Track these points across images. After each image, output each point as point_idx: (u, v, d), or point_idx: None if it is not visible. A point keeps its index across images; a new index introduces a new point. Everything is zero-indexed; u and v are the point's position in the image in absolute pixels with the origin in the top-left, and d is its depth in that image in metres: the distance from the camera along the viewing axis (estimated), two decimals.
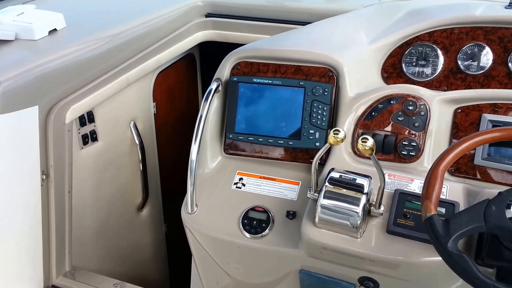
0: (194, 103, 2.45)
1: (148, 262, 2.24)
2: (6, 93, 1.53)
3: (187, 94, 2.38)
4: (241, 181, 1.35)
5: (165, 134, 2.23)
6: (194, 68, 2.38)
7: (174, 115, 2.29)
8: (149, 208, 2.19)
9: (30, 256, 1.69)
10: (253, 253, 1.28)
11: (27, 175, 1.63)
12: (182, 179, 2.40)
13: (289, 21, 2.03)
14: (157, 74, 2.10)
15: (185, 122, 2.39)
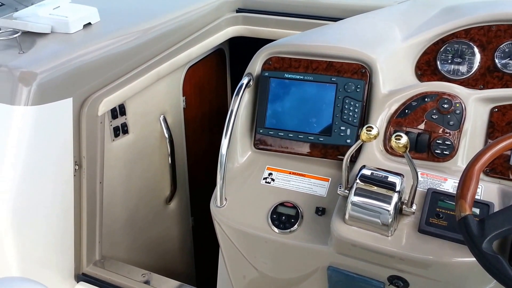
0: (223, 98, 2.46)
1: (174, 254, 2.26)
2: (42, 85, 1.57)
3: (216, 89, 2.39)
4: (270, 176, 1.35)
5: (193, 128, 2.25)
6: (223, 63, 2.39)
7: (203, 109, 2.31)
8: (177, 201, 2.22)
9: (62, 244, 1.73)
10: (281, 248, 1.28)
11: (61, 165, 1.67)
12: (209, 173, 2.43)
13: (321, 17, 2.02)
14: (187, 69, 2.11)
15: (214, 116, 2.40)
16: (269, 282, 1.40)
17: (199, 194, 2.37)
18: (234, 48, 2.37)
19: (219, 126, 2.47)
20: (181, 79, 2.09)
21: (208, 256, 2.44)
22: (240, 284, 1.46)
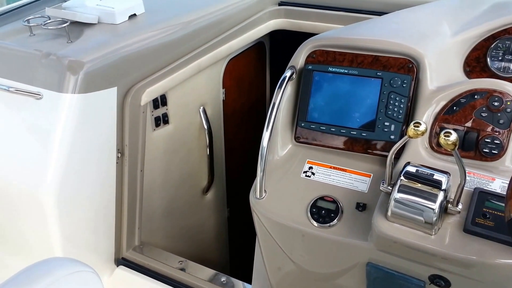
0: (262, 91, 2.47)
1: (210, 243, 2.29)
2: (89, 74, 1.61)
3: (256, 82, 2.40)
4: (310, 170, 1.35)
5: (232, 121, 2.26)
6: (263, 57, 2.40)
7: (242, 102, 2.32)
8: (214, 192, 2.24)
9: (104, 229, 1.78)
10: (320, 242, 1.28)
11: (104, 152, 1.71)
12: (246, 165, 2.44)
13: (364, 11, 2.00)
14: (228, 61, 2.13)
15: (252, 109, 2.41)
16: (305, 275, 1.40)
17: (235, 186, 2.39)
18: (275, 42, 2.37)
19: (257, 119, 2.48)
20: (221, 72, 2.11)
21: (243, 247, 2.46)
22: (275, 276, 1.46)
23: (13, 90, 1.66)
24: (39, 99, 1.64)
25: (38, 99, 1.64)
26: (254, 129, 2.46)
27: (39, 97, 1.63)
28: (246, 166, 2.44)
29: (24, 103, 1.66)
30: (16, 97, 1.67)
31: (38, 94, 1.63)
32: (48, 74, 1.64)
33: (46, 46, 1.70)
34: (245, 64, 2.26)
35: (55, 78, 1.62)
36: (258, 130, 2.52)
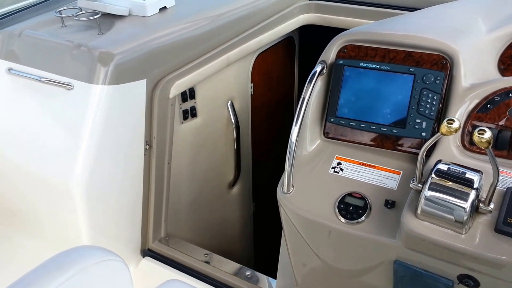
0: (290, 87, 2.46)
1: (234, 237, 2.30)
2: (119, 66, 1.63)
3: (284, 77, 2.39)
4: (339, 165, 1.34)
5: (259, 115, 2.26)
6: (292, 51, 2.38)
7: (270, 97, 2.32)
8: (240, 186, 2.24)
9: (131, 220, 1.80)
10: (347, 238, 1.27)
11: (132, 144, 1.73)
12: (273, 160, 2.44)
13: (396, 7, 1.97)
14: (257, 56, 2.12)
15: (280, 104, 2.41)
16: (331, 271, 1.39)
17: (261, 181, 2.39)
18: (304, 37, 2.36)
19: (284, 114, 2.48)
20: (250, 66, 2.11)
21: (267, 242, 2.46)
22: (301, 271, 1.46)
23: (44, 80, 1.69)
24: (69, 89, 1.66)
25: (68, 90, 1.67)
26: (281, 124, 2.45)
27: (69, 88, 1.66)
28: (273, 161, 2.43)
29: (55, 93, 1.69)
30: (47, 87, 1.70)
31: (69, 85, 1.66)
32: (79, 65, 1.66)
33: (78, 37, 1.72)
34: (274, 59, 2.25)
35: (85, 69, 1.64)
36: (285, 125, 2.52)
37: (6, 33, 1.80)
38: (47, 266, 1.02)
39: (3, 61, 1.78)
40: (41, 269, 1.02)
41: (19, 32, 1.78)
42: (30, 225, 1.89)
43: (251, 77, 2.13)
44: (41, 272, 1.01)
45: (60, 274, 1.00)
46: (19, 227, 1.91)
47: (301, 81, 2.45)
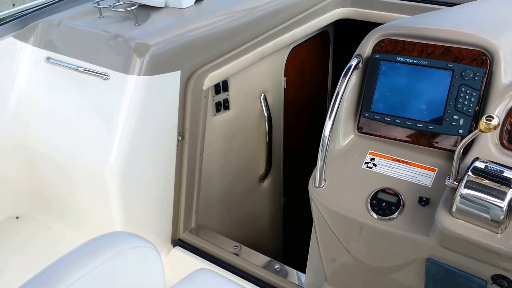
0: (323, 81, 2.44)
1: (264, 231, 2.31)
2: (155, 57, 1.65)
3: (318, 71, 2.38)
4: (372, 161, 1.32)
5: (292, 109, 2.25)
6: (327, 46, 2.37)
7: (303, 91, 2.30)
8: (270, 180, 2.25)
9: (162, 210, 1.83)
10: (378, 235, 1.26)
11: (166, 134, 1.75)
12: (304, 155, 2.43)
13: (433, 1, 1.93)
14: (291, 50, 2.11)
15: (313, 99, 2.39)
16: (361, 267, 1.38)
17: (292, 175, 2.38)
18: (339, 31, 2.33)
19: (317, 109, 2.46)
20: (283, 59, 2.10)
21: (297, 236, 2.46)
22: (331, 267, 1.45)
23: (82, 70, 1.73)
24: (106, 79, 1.69)
25: (105, 80, 1.70)
26: (314, 119, 2.44)
27: (106, 78, 1.69)
28: (304, 155, 2.42)
29: (92, 83, 1.73)
30: (84, 76, 1.74)
31: (105, 75, 1.69)
32: (115, 56, 1.69)
33: (115, 28, 1.75)
34: (308, 53, 2.24)
35: (122, 59, 1.67)
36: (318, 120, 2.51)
37: (45, 23, 1.85)
38: (83, 249, 1.05)
39: (42, 50, 1.83)
40: (77, 252, 1.04)
41: (58, 22, 1.82)
42: (64, 211, 1.94)
43: (284, 71, 2.12)
44: (76, 255, 1.04)
45: (95, 258, 1.03)
46: (54, 213, 1.97)
47: (335, 76, 2.43)
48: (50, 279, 0.98)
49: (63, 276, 0.99)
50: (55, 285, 0.98)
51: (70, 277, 1.00)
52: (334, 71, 2.44)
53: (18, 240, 1.88)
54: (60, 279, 0.98)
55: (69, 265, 1.02)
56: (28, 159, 1.90)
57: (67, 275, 1.00)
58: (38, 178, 1.93)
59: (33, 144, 1.85)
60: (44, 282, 0.98)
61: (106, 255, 1.04)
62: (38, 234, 1.92)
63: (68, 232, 1.91)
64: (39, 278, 1.00)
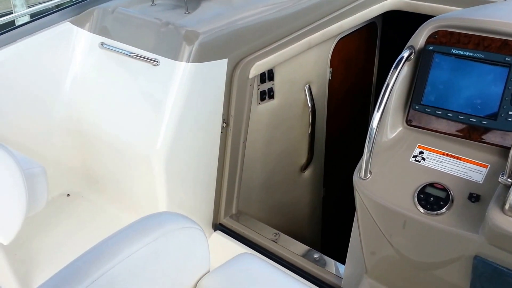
0: (369, 73, 2.41)
1: (303, 220, 2.31)
2: (203, 44, 1.67)
3: (364, 63, 2.35)
4: (421, 154, 1.31)
5: (336, 101, 2.24)
6: (374, 38, 2.33)
7: (348, 83, 2.29)
8: (311, 170, 2.25)
9: (205, 194, 1.86)
10: (424, 229, 1.24)
11: (211, 121, 1.78)
12: (346, 146, 2.42)
13: None
14: (337, 41, 2.10)
15: (358, 91, 2.37)
16: (404, 262, 1.37)
17: (333, 167, 2.37)
18: (388, 23, 2.30)
19: (361, 101, 2.44)
20: (330, 51, 2.09)
21: (335, 227, 2.45)
22: (372, 259, 1.45)
23: (133, 55, 1.77)
24: (156, 65, 1.73)
25: (155, 66, 1.73)
26: (357, 111, 2.42)
27: (156, 64, 1.73)
28: (346, 147, 2.41)
29: (142, 68, 1.77)
30: (135, 62, 1.78)
31: (155, 61, 1.72)
32: (166, 42, 1.72)
33: (166, 15, 1.78)
34: (354, 45, 2.22)
35: (172, 46, 1.70)
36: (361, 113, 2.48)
37: (101, 10, 1.90)
38: (134, 227, 1.08)
39: (97, 36, 1.88)
40: (128, 230, 1.08)
41: (113, 9, 1.87)
42: (111, 191, 2.00)
43: (330, 62, 2.11)
44: (128, 233, 1.07)
45: (145, 236, 1.06)
46: (101, 192, 2.04)
47: (381, 68, 2.40)
48: (103, 253, 1.02)
49: (115, 251, 1.03)
50: (108, 259, 1.01)
51: (120, 253, 1.03)
52: (380, 64, 2.40)
53: (68, 215, 1.97)
54: (113, 254, 1.02)
55: (121, 242, 1.05)
56: (79, 140, 1.97)
57: (118, 251, 1.03)
58: (88, 158, 1.99)
59: (85, 126, 1.91)
60: (98, 257, 1.02)
61: (155, 234, 1.07)
62: (86, 211, 2.00)
63: (114, 210, 1.98)
64: (92, 253, 1.03)
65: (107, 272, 1.00)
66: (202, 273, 1.19)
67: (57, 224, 1.93)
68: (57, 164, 2.00)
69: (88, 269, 1.00)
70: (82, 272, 0.99)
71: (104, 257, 1.02)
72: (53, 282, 0.99)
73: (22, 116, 1.91)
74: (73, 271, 1.00)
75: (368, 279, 1.48)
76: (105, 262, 1.01)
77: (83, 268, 1.00)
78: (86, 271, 1.00)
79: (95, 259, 1.02)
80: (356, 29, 2.15)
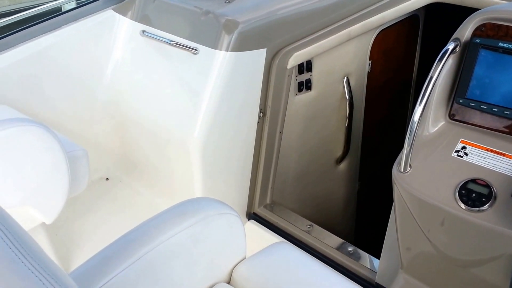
0: (409, 66, 2.37)
1: (337, 213, 2.30)
2: (242, 34, 1.68)
3: (404, 56, 2.31)
4: (463, 150, 1.28)
5: (374, 94, 2.21)
6: (415, 30, 2.29)
7: (387, 76, 2.25)
8: (347, 163, 2.23)
9: (240, 183, 1.87)
10: (465, 226, 1.22)
11: (247, 110, 1.79)
12: (383, 140, 2.39)
13: None
14: (378, 32, 2.07)
15: (397, 84, 2.33)
16: (441, 258, 1.35)
17: (369, 160, 2.35)
18: (430, 16, 2.25)
19: (400, 95, 2.40)
20: (370, 42, 2.06)
21: (369, 222, 2.43)
22: (408, 254, 1.43)
23: (173, 43, 1.79)
24: (195, 54, 1.74)
25: (194, 54, 1.75)
26: (396, 105, 2.38)
27: (195, 52, 1.74)
28: (383, 141, 2.38)
29: (182, 56, 1.79)
30: (175, 50, 1.80)
31: (195, 49, 1.74)
32: (206, 31, 1.73)
33: (206, 4, 1.79)
34: (395, 37, 2.18)
35: (211, 35, 1.71)
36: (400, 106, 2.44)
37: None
38: (174, 211, 1.10)
39: (138, 24, 1.91)
40: (168, 214, 1.10)
41: None
42: (149, 176, 2.04)
43: (370, 54, 2.08)
44: (168, 216, 1.09)
45: (184, 220, 1.08)
46: (139, 177, 2.08)
47: (422, 61, 2.35)
48: (144, 236, 1.04)
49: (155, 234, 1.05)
50: (147, 242, 1.04)
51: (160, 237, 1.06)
52: (421, 57, 2.35)
53: (106, 199, 2.03)
54: (152, 236, 1.04)
55: (161, 225, 1.07)
56: (119, 125, 2.01)
57: (158, 234, 1.06)
58: (127, 143, 2.04)
59: (125, 111, 1.95)
60: (138, 239, 1.04)
61: (194, 219, 1.09)
62: (124, 195, 2.05)
63: (151, 195, 2.02)
64: (133, 235, 1.06)
65: (146, 254, 1.03)
66: (238, 260, 1.20)
67: (96, 207, 1.99)
68: (97, 148, 2.05)
69: (129, 250, 1.03)
70: (122, 253, 1.02)
71: (144, 239, 1.05)
72: (94, 261, 1.02)
73: (66, 100, 1.97)
74: (114, 251, 1.03)
75: (403, 274, 1.47)
76: (144, 244, 1.04)
77: (123, 249, 1.03)
78: (127, 252, 1.02)
79: (136, 241, 1.05)
80: (398, 21, 2.12)
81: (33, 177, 1.46)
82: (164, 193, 1.96)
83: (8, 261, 0.60)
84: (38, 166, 1.46)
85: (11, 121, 1.39)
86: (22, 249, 0.63)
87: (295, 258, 1.19)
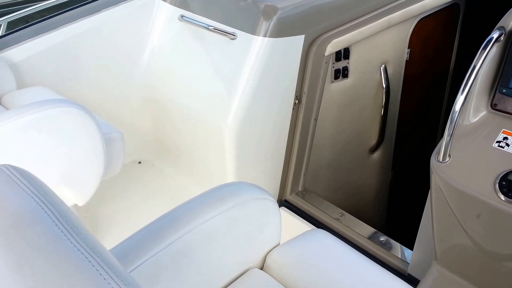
0: (447, 56, 2.32)
1: (368, 203, 2.29)
2: (281, 20, 1.67)
3: (443, 45, 2.26)
4: (505, 140, 1.25)
5: (412, 83, 2.18)
6: (455, 20, 2.23)
7: (425, 65, 2.21)
8: (381, 153, 2.21)
9: (272, 170, 1.88)
10: (504, 218, 1.19)
11: (283, 97, 1.78)
12: (417, 130, 2.35)
13: None
14: (418, 21, 2.03)
15: (434, 74, 2.29)
16: (477, 250, 1.33)
17: (403, 150, 2.32)
18: (471, 4, 2.19)
19: (438, 84, 2.35)
20: (409, 31, 2.02)
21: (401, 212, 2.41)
22: (443, 245, 1.41)
23: (211, 28, 1.79)
24: (233, 39, 1.75)
25: (232, 39, 1.75)
26: (432, 95, 2.34)
27: (233, 38, 1.75)
28: (417, 131, 2.35)
29: (220, 41, 1.79)
30: (213, 35, 1.81)
31: (233, 35, 1.74)
32: (244, 17, 1.73)
33: None
34: (435, 26, 2.13)
35: (250, 20, 1.71)
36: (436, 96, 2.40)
37: None
38: (211, 195, 1.12)
39: (177, 9, 1.93)
40: (206, 197, 1.11)
41: None
42: (181, 161, 2.06)
43: (409, 42, 2.04)
44: (205, 199, 1.10)
45: (221, 203, 1.09)
46: (171, 161, 2.10)
47: (460, 51, 2.29)
48: (180, 218, 1.06)
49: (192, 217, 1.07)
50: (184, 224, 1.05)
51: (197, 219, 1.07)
52: (460, 47, 2.30)
53: (138, 183, 2.06)
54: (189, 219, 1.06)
55: (198, 208, 1.09)
56: (154, 110, 2.04)
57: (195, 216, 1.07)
58: (161, 127, 2.06)
59: (160, 96, 1.98)
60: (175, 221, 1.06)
61: (231, 203, 1.10)
62: (156, 179, 2.07)
63: (183, 180, 2.04)
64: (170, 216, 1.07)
65: (182, 236, 1.04)
66: (273, 245, 1.21)
67: (128, 190, 2.02)
68: (132, 132, 2.08)
69: (165, 232, 1.04)
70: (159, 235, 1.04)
71: (181, 221, 1.06)
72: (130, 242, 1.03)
73: (104, 83, 2.00)
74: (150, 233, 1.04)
75: (437, 266, 1.45)
76: (181, 226, 1.05)
77: (160, 231, 1.04)
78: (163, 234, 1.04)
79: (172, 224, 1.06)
80: (438, 10, 2.07)
81: (70, 158, 1.48)
82: (196, 179, 1.98)
83: (55, 238, 0.62)
84: (76, 147, 1.48)
85: (51, 102, 1.42)
86: (68, 226, 0.64)
87: (331, 246, 1.19)
